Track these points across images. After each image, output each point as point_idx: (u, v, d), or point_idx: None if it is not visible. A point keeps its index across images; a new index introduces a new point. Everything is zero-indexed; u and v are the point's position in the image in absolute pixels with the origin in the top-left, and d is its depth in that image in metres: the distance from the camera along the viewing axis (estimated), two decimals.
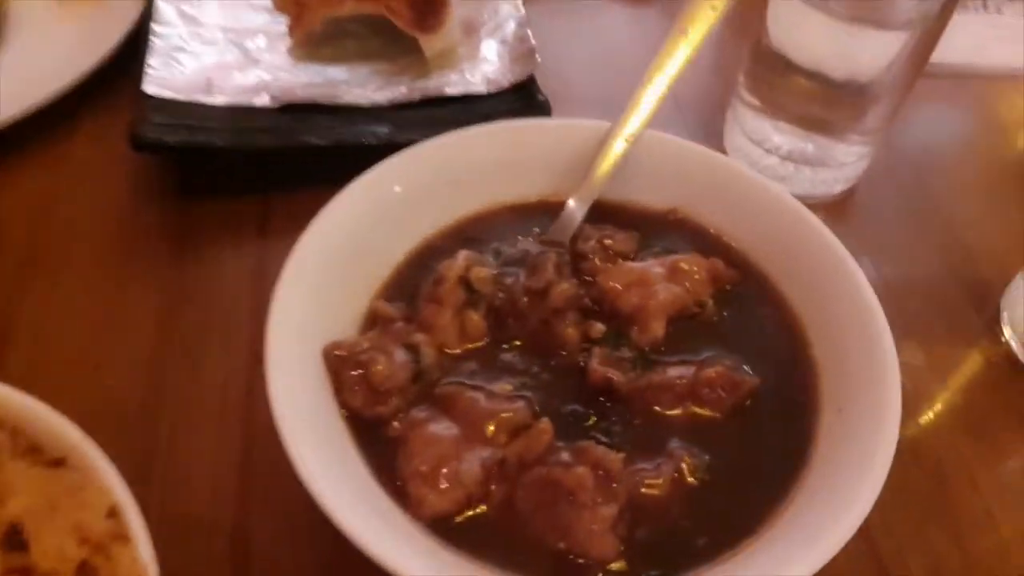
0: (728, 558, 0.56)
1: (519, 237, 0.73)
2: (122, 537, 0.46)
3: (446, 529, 0.57)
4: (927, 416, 0.74)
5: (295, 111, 0.86)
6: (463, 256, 0.67)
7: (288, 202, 0.84)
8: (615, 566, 0.55)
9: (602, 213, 0.74)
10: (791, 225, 0.70)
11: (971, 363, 0.78)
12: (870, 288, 0.64)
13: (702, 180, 0.74)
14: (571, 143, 0.75)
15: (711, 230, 0.74)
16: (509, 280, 0.68)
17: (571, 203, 0.73)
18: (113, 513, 0.46)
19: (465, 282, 0.66)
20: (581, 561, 0.55)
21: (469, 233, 0.73)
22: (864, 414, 0.59)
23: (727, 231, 0.74)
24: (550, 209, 0.75)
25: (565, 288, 0.65)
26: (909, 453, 0.71)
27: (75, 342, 0.74)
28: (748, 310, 0.69)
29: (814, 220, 0.68)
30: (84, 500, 0.46)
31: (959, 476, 0.70)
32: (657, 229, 0.74)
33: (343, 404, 0.61)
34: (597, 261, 0.70)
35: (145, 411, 0.71)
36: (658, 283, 0.66)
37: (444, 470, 0.58)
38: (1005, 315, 0.79)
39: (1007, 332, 0.78)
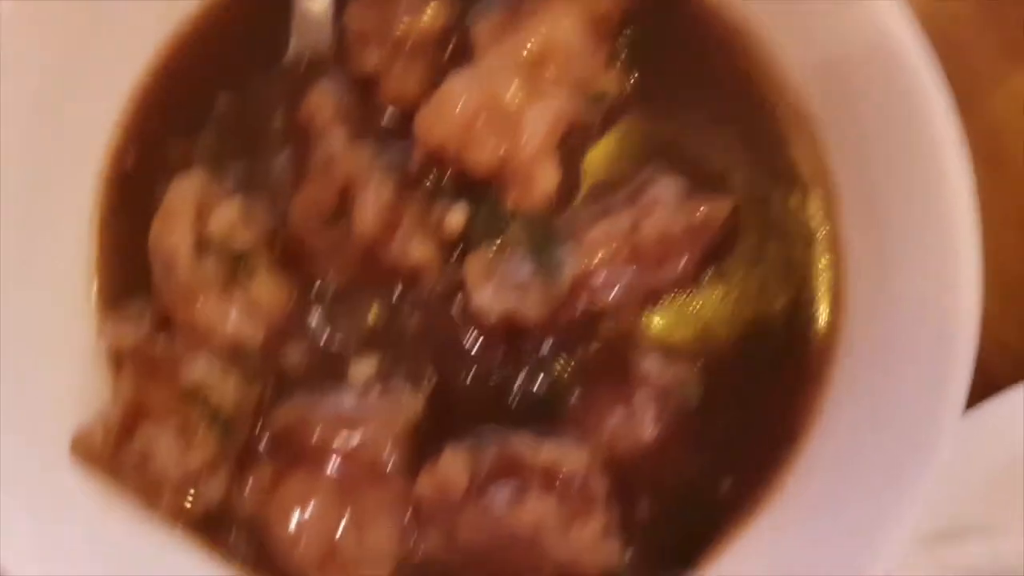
0: (769, 498, 0.40)
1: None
2: None
3: None
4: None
5: None
6: (178, 201, 0.40)
7: None
8: (623, 570, 0.41)
9: None
10: None
11: None
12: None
13: None
14: None
15: None
16: (280, 182, 0.42)
17: None
18: None
19: (206, 244, 0.40)
20: None
21: (173, 87, 0.46)
22: (913, 206, 0.39)
23: None
24: None
25: (373, 192, 0.39)
26: None
27: None
28: (675, 49, 0.44)
29: None
30: None
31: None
32: None
33: (151, 515, 0.42)
34: (398, 78, 0.42)
35: None
36: (519, 96, 0.39)
37: (342, 540, 0.41)
38: None
39: None
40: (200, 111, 0.44)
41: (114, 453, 0.40)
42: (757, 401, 0.42)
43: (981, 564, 0.47)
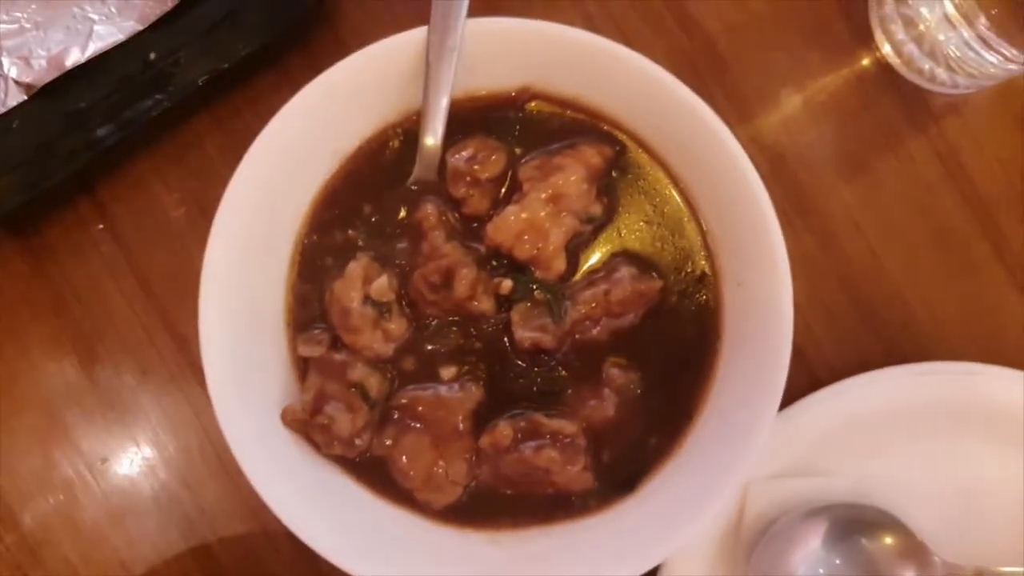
0: (678, 449, 0.72)
1: (385, 193, 0.75)
2: None
3: (456, 511, 0.73)
4: (810, 172, 0.82)
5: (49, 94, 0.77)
6: (355, 275, 0.70)
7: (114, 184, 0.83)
8: (594, 490, 0.73)
9: (456, 118, 0.73)
10: (657, 94, 0.70)
11: (844, 85, 0.83)
12: (747, 161, 0.69)
13: (548, 54, 0.71)
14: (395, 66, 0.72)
15: (570, 97, 0.73)
16: (402, 257, 0.72)
17: (428, 141, 0.72)
18: None
19: (368, 298, 0.70)
20: (569, 498, 0.73)
21: (337, 199, 0.75)
22: (761, 285, 0.70)
23: (587, 94, 0.73)
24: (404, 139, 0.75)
25: (465, 275, 0.70)
26: (799, 219, 0.82)
27: None
28: (633, 190, 0.75)
29: (681, 89, 0.69)
30: None
31: (846, 226, 0.82)
32: (517, 122, 0.74)
33: (326, 456, 0.73)
34: (475, 202, 0.72)
35: None
36: (546, 221, 0.70)
37: (436, 470, 0.72)
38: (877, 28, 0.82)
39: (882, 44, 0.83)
40: (353, 214, 0.73)
41: (308, 420, 0.69)
42: (671, 396, 0.72)
43: (808, 492, 0.77)
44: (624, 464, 0.73)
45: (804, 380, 0.81)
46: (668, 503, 0.71)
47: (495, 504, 0.73)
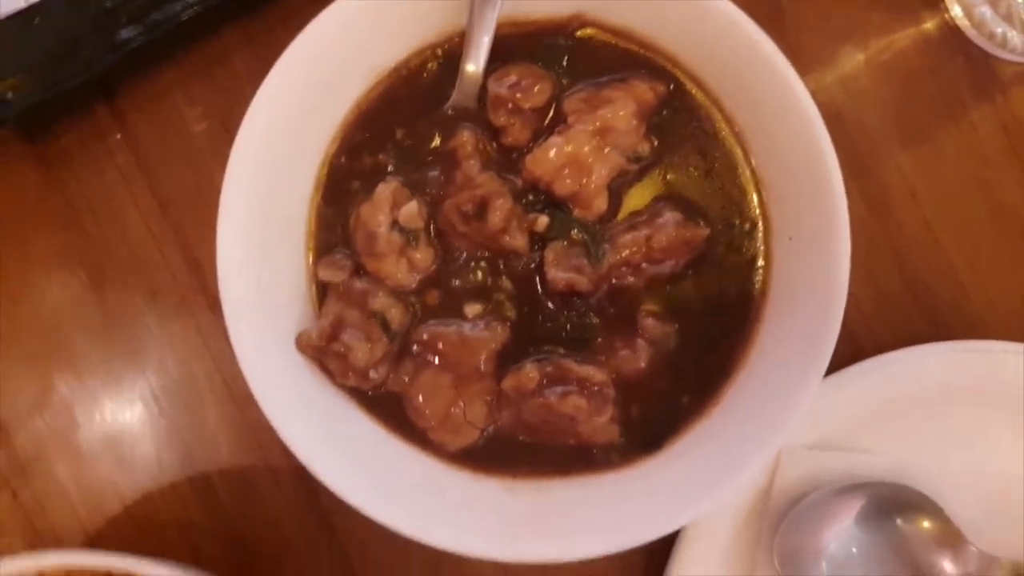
0: (711, 410, 0.68)
1: (420, 117, 0.70)
2: None
3: (472, 455, 0.69)
4: (867, 135, 0.78)
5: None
6: (383, 198, 0.66)
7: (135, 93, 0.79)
8: (619, 444, 0.68)
9: (500, 44, 0.69)
10: (721, 30, 0.66)
11: (909, 46, 0.79)
12: (814, 108, 0.64)
13: None
14: None
15: (624, 27, 0.69)
16: (433, 185, 0.68)
17: (469, 67, 0.67)
18: None
19: (396, 224, 0.66)
20: (591, 450, 0.68)
21: (369, 121, 0.70)
22: (815, 241, 0.66)
23: (643, 24, 0.69)
24: (443, 62, 0.70)
25: (500, 205, 0.65)
26: (853, 183, 0.77)
27: None
28: (685, 131, 0.70)
29: (746, 23, 0.65)
30: None
31: (901, 195, 0.78)
32: (566, 51, 0.70)
33: (339, 386, 0.68)
34: (516, 132, 0.68)
35: None
36: (590, 156, 0.66)
37: (454, 410, 0.68)
38: None
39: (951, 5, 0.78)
40: (384, 138, 0.69)
41: (323, 347, 0.65)
42: (709, 352, 0.68)
43: (844, 467, 0.73)
44: (652, 420, 0.68)
45: (846, 350, 0.76)
46: (695, 466, 0.66)
47: (512, 451, 0.68)
